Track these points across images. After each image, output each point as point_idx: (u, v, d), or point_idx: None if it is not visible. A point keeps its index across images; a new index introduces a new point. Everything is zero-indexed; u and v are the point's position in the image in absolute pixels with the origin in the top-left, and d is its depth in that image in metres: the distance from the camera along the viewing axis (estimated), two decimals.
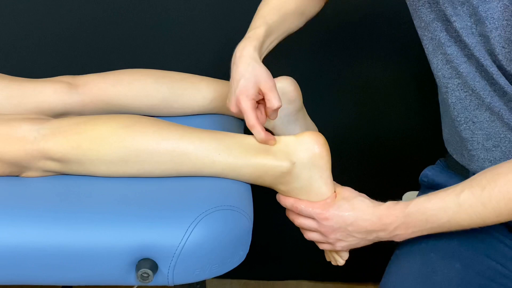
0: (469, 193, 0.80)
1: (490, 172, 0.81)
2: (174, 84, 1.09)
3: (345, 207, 0.87)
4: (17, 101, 1.01)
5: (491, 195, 0.79)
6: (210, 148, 0.87)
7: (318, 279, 1.63)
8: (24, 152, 0.86)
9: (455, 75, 0.87)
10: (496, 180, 0.79)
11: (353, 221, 0.86)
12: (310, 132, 0.91)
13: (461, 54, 0.85)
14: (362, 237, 0.88)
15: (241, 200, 0.86)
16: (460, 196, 0.81)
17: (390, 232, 0.85)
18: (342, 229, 0.87)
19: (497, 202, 0.78)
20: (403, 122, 1.45)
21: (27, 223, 0.79)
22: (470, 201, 0.80)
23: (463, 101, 0.88)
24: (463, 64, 0.86)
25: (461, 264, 0.84)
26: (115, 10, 1.34)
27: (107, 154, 0.86)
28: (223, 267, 0.82)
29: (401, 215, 0.84)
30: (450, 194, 0.82)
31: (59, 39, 1.36)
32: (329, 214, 0.87)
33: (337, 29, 1.36)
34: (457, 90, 0.88)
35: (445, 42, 0.87)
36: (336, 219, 0.87)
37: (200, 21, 1.35)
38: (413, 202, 0.84)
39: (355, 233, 0.87)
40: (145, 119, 0.91)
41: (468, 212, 0.80)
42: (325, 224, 0.88)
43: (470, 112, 0.88)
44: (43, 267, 0.78)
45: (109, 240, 0.78)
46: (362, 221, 0.86)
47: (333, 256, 0.96)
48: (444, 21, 0.86)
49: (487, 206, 0.79)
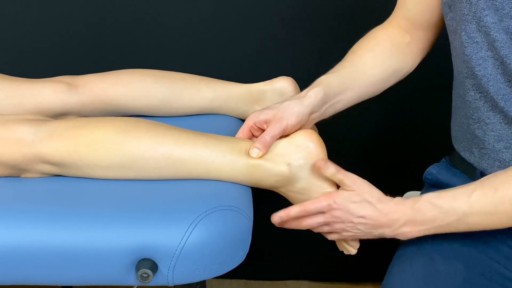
0: (481, 194, 0.79)
1: (504, 174, 0.80)
2: (174, 84, 1.09)
3: (354, 199, 0.85)
4: (17, 101, 1.01)
5: (504, 197, 0.78)
6: (204, 155, 0.87)
7: (318, 279, 1.63)
8: (22, 155, 0.86)
9: (471, 75, 0.87)
10: (509, 182, 0.78)
11: (360, 215, 0.84)
12: (302, 131, 0.91)
13: (481, 54, 0.84)
14: (367, 231, 0.86)
15: (241, 200, 0.86)
16: (471, 196, 0.79)
17: (395, 229, 0.84)
18: (349, 220, 0.85)
19: (510, 205, 0.77)
20: (406, 121, 1.45)
21: (27, 224, 0.78)
22: (482, 201, 0.79)
23: (477, 102, 0.88)
24: (480, 65, 0.85)
25: (464, 265, 0.83)
26: (115, 10, 1.34)
27: (104, 159, 0.86)
28: (223, 267, 0.82)
29: (410, 211, 0.82)
30: (462, 194, 0.80)
31: (59, 39, 1.36)
32: (338, 205, 0.85)
33: (337, 29, 1.36)
34: (472, 90, 0.88)
35: (466, 40, 0.86)
36: (344, 210, 0.85)
37: (200, 21, 1.35)
38: (422, 198, 0.83)
39: (360, 225, 0.85)
40: (142, 122, 0.90)
41: (479, 212, 0.79)
42: (333, 214, 0.85)
43: (483, 113, 0.87)
44: (43, 267, 0.78)
45: (109, 240, 0.78)
46: (368, 216, 0.84)
47: (345, 246, 0.95)
48: (474, 16, 0.84)
49: (499, 208, 0.78)
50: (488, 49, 0.84)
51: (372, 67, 0.99)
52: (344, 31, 1.32)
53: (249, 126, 0.94)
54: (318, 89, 0.94)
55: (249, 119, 0.94)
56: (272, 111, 0.92)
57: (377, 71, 1.00)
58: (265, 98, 1.10)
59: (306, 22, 1.36)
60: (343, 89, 0.97)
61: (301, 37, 1.37)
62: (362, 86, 0.99)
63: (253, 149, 0.88)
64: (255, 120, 0.93)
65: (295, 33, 1.37)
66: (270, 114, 0.92)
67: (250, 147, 0.89)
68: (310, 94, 0.93)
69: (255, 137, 0.94)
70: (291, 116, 0.91)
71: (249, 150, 0.88)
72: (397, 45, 1.01)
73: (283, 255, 1.61)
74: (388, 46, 1.01)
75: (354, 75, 0.98)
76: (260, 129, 0.94)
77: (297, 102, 0.93)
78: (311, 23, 1.36)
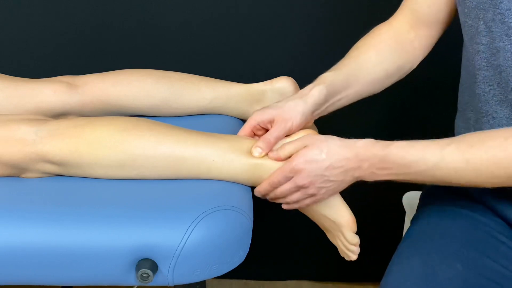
0: (455, 148, 0.79)
1: (483, 133, 0.80)
2: (174, 84, 1.09)
3: (316, 152, 0.84)
4: (17, 101, 1.01)
5: (476, 154, 0.77)
6: (205, 153, 0.87)
7: (318, 279, 1.63)
8: (23, 155, 0.86)
9: (484, 67, 0.87)
10: (486, 141, 0.78)
11: (328, 164, 0.83)
12: (304, 131, 0.91)
13: (496, 44, 0.84)
14: (341, 179, 0.85)
15: (241, 200, 0.86)
16: (445, 148, 0.79)
17: (365, 170, 0.83)
18: (319, 176, 0.84)
19: (481, 163, 0.77)
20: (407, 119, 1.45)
21: (27, 224, 0.79)
22: (454, 155, 0.79)
23: (487, 94, 0.88)
24: (494, 55, 0.84)
25: (463, 265, 0.83)
26: (115, 10, 1.34)
27: (105, 158, 0.86)
28: (223, 267, 0.82)
29: (380, 154, 0.82)
30: (436, 144, 0.80)
31: (59, 39, 1.36)
32: (302, 165, 0.84)
33: (337, 29, 1.36)
34: (483, 82, 0.88)
35: (481, 31, 0.86)
36: (311, 167, 0.84)
37: (200, 21, 1.35)
38: (395, 143, 0.82)
39: (332, 177, 0.84)
40: (143, 122, 0.90)
41: (449, 166, 0.79)
42: (301, 176, 0.84)
43: (491, 106, 0.87)
44: (43, 267, 0.78)
45: (109, 240, 0.78)
46: (337, 161, 0.83)
47: (345, 253, 0.95)
48: (491, 2, 0.83)
49: (470, 164, 0.78)
50: (506, 38, 0.83)
51: (375, 64, 0.99)
52: (344, 31, 1.32)
53: (251, 125, 0.94)
54: (321, 87, 0.94)
55: (252, 119, 0.94)
56: (276, 111, 0.92)
57: (379, 68, 1.00)
58: (265, 98, 1.10)
59: (306, 22, 1.36)
60: (345, 86, 0.97)
61: (301, 37, 1.37)
62: (364, 83, 0.99)
63: (256, 148, 0.88)
64: (259, 120, 0.93)
65: (295, 33, 1.37)
66: (274, 114, 0.92)
67: (252, 146, 0.89)
68: (314, 93, 0.93)
69: (257, 136, 0.94)
70: (296, 116, 0.91)
71: (252, 149, 0.88)
72: (401, 42, 1.01)
73: (283, 255, 1.61)
74: (392, 43, 1.00)
75: (357, 73, 0.98)
76: (262, 128, 0.94)
77: (301, 101, 0.92)
78: (311, 23, 1.36)
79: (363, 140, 0.84)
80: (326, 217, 0.92)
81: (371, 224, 1.43)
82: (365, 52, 1.00)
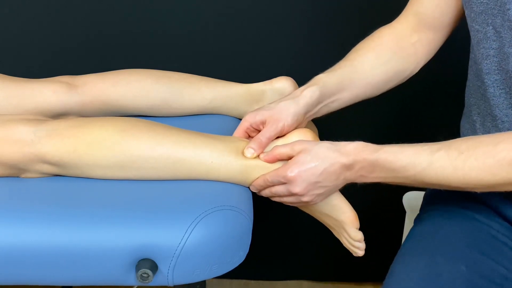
0: (444, 154, 0.79)
1: (472, 139, 0.80)
2: (174, 84, 1.09)
3: (308, 160, 0.83)
4: (16, 102, 1.01)
5: (465, 161, 0.77)
6: (203, 155, 0.87)
7: (318, 279, 1.63)
8: (21, 155, 0.86)
9: (494, 71, 0.87)
10: (475, 148, 0.78)
11: (322, 170, 0.83)
12: (298, 131, 0.91)
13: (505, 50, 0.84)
14: (333, 184, 0.85)
15: (241, 200, 0.86)
16: (434, 154, 0.79)
17: (355, 173, 0.84)
18: (313, 183, 0.84)
19: (470, 170, 0.77)
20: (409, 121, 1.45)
21: (27, 224, 0.78)
22: (443, 161, 0.79)
23: (497, 98, 0.87)
24: (505, 60, 0.84)
25: (466, 266, 0.83)
26: (115, 10, 1.34)
27: (103, 159, 0.86)
28: (223, 267, 0.82)
29: (370, 158, 0.82)
30: (425, 150, 0.80)
31: (59, 39, 1.36)
32: (295, 174, 0.84)
33: (337, 29, 1.36)
34: (492, 86, 0.87)
35: (491, 37, 0.85)
36: (304, 176, 0.83)
37: (200, 21, 1.35)
38: (384, 148, 0.83)
39: (325, 182, 0.84)
40: (142, 122, 0.90)
41: (437, 172, 0.79)
42: (295, 185, 0.84)
43: (502, 110, 0.87)
44: (43, 267, 0.78)
45: (109, 240, 0.78)
46: (330, 166, 0.83)
47: (352, 249, 0.94)
48: (500, 10, 0.83)
49: (458, 171, 0.78)
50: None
51: (373, 67, 0.99)
52: (345, 31, 1.32)
53: (244, 127, 0.94)
54: (314, 88, 0.93)
55: (245, 120, 0.94)
56: (267, 112, 0.92)
57: (378, 71, 0.99)
58: (265, 98, 1.10)
59: (306, 22, 1.36)
60: (339, 89, 0.97)
61: (301, 37, 1.37)
62: (360, 86, 0.99)
63: (248, 149, 0.88)
64: (251, 122, 0.93)
65: (295, 33, 1.37)
66: (266, 115, 0.92)
67: (245, 148, 0.89)
68: (306, 94, 0.93)
69: (251, 137, 0.94)
70: (287, 117, 0.91)
71: (244, 150, 0.88)
72: (402, 45, 1.00)
73: (283, 255, 1.61)
74: (393, 46, 1.00)
75: (352, 75, 0.98)
76: (256, 130, 0.94)
77: (293, 102, 0.92)
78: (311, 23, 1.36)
79: (354, 143, 0.84)
80: (328, 215, 0.92)
81: (371, 224, 1.43)
82: (363, 54, 0.99)
